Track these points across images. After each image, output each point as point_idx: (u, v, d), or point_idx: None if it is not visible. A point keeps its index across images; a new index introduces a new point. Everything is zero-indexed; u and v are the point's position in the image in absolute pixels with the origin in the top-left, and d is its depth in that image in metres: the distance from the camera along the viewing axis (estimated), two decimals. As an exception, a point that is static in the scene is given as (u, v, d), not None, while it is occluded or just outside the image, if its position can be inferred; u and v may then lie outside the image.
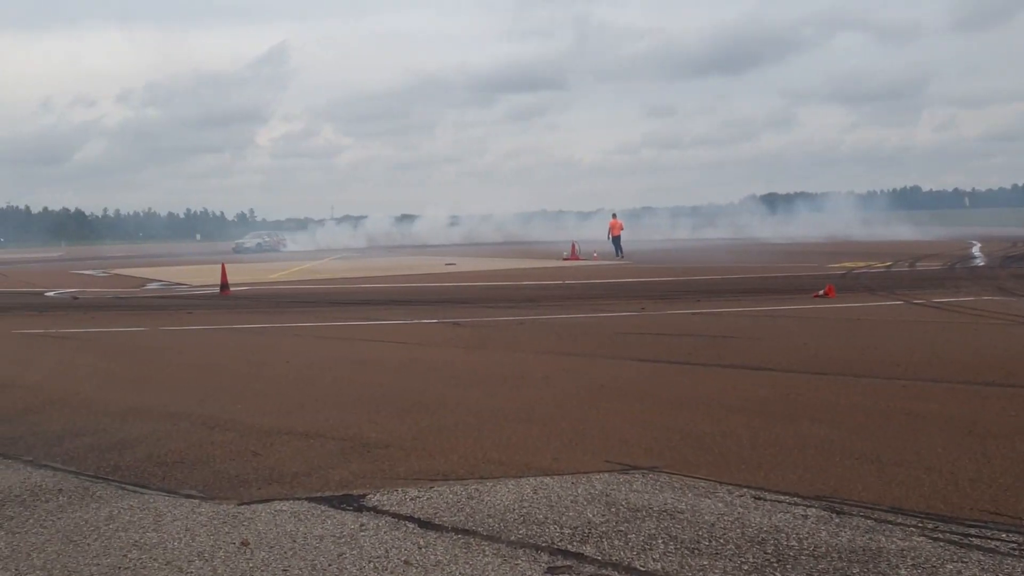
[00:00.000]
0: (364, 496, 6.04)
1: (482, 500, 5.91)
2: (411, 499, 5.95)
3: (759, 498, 5.86)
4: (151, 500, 6.04)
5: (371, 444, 7.44)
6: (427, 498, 5.97)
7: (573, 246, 43.30)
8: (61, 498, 6.12)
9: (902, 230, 68.29)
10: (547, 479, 6.38)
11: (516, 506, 5.76)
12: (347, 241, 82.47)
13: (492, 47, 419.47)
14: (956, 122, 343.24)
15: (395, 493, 6.08)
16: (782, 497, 5.86)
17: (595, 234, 62.56)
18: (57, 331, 16.48)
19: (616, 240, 42.69)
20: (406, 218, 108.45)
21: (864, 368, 10.57)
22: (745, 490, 6.03)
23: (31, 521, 5.64)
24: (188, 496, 6.14)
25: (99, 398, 9.72)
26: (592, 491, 6.07)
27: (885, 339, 13.14)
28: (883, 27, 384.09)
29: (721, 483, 6.21)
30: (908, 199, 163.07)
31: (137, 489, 6.32)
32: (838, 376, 10.09)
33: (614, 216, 45.22)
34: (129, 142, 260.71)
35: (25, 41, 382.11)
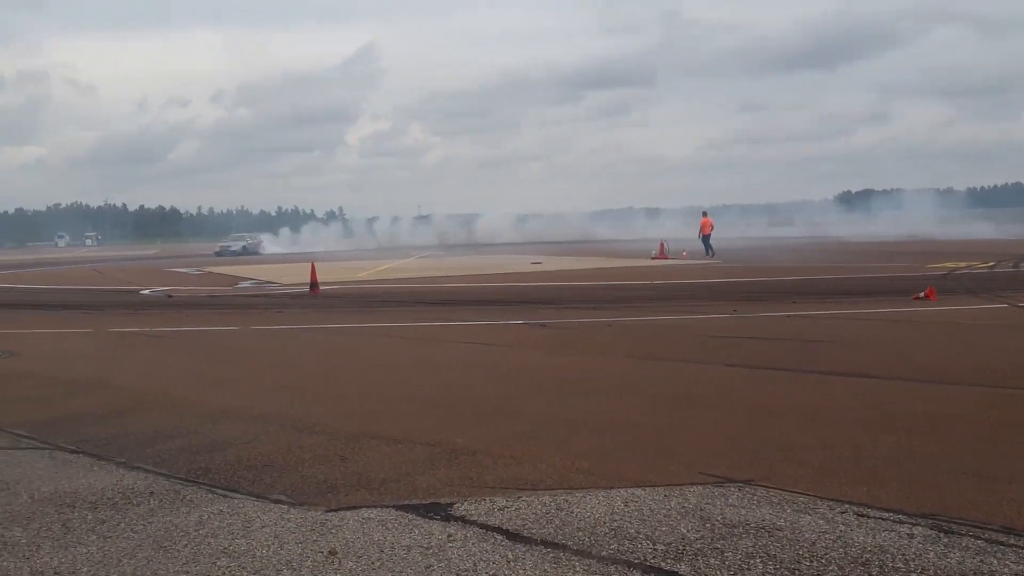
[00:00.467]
0: (451, 505, 5.96)
1: (571, 512, 5.77)
2: (499, 509, 5.84)
3: (862, 515, 5.60)
4: (240, 505, 6.04)
5: (458, 450, 7.36)
6: (515, 508, 5.85)
7: (661, 245, 42.78)
8: (152, 501, 6.17)
9: (983, 228, 65.51)
10: (638, 491, 6.21)
11: (607, 519, 5.61)
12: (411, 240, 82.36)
13: (579, 44, 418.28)
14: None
15: (483, 502, 5.98)
16: (886, 514, 5.59)
17: (674, 232, 61.91)
18: (150, 330, 16.84)
19: (706, 239, 41.95)
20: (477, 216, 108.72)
21: (968, 375, 10.14)
22: (847, 506, 5.78)
23: (122, 525, 5.69)
24: (277, 501, 6.12)
25: (190, 399, 9.84)
26: (686, 505, 5.88)
27: (989, 345, 12.63)
28: (983, 20, 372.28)
29: (821, 498, 5.96)
30: (1013, 196, 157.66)
31: (227, 493, 6.34)
32: (941, 384, 9.70)
33: (704, 214, 44.43)
34: (222, 141, 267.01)
35: (122, 42, 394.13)
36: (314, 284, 26.13)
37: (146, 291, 28.84)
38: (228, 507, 6.00)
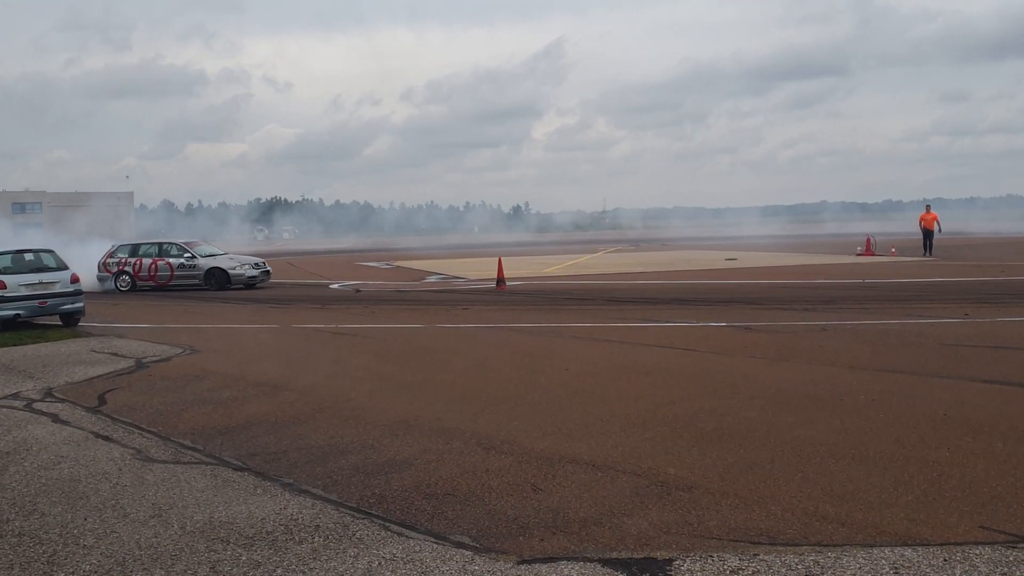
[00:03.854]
0: (671, 562, 4.81)
1: (826, 579, 4.52)
2: (731, 571, 4.65)
3: None
4: (416, 548, 5.07)
5: (670, 483, 6.19)
6: (752, 570, 4.65)
7: (868, 240, 39.82)
8: (316, 539, 5.28)
9: None
10: (907, 551, 4.89)
11: (876, 593, 4.34)
12: None
13: (768, 34, 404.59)
14: None
15: (710, 561, 4.80)
16: None
17: (869, 228, 58.17)
18: (336, 327, 16.35)
19: (929, 234, 37.81)
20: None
21: None
22: None
23: (279, 571, 4.80)
24: (459, 545, 5.13)
25: (370, 406, 9.06)
26: (974, 575, 4.53)
27: None
28: None
29: None
30: None
31: (402, 531, 5.39)
32: None
33: (928, 208, 40.18)
34: (412, 138, 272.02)
35: (318, 41, 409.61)
36: (500, 280, 25.37)
37: (335, 285, 28.84)
38: (402, 551, 5.04)
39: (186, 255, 27.37)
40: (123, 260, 27.65)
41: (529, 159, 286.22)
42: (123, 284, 27.34)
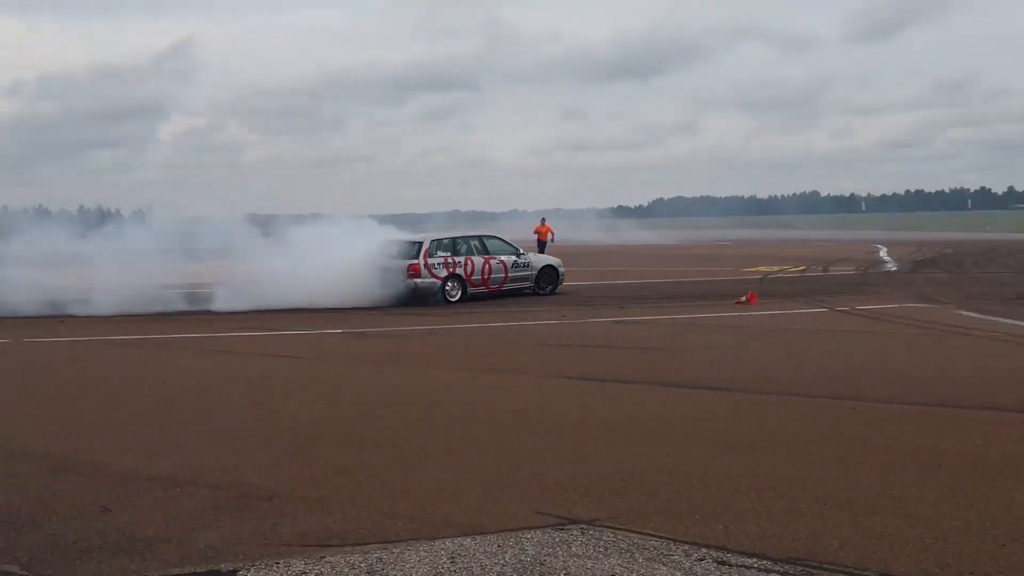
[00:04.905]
0: (235, 573, 4.79)
1: (386, 574, 4.70)
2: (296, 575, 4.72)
3: (722, 562, 4.84)
4: (-47, 585, 4.68)
5: (252, 494, 6.16)
6: (316, 573, 4.74)
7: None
8: None
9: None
10: (467, 540, 5.20)
11: (429, 583, 4.58)
12: None
13: (401, 46, 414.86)
14: (852, 129, 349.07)
15: (275, 568, 4.83)
16: (749, 560, 4.86)
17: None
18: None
19: (542, 246, 39.86)
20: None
21: (806, 386, 9.68)
22: (704, 551, 4.99)
23: None
24: (6, 574, 4.79)
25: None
26: (523, 557, 4.92)
27: (819, 351, 12.26)
28: (783, 38, 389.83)
29: (675, 541, 5.14)
30: (808, 203, 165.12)
31: (-59, 566, 4.95)
32: (780, 395, 9.19)
33: (543, 220, 42.29)
34: (18, 136, 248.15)
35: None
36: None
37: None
38: (-65, 589, 4.63)
39: (518, 252, 21.53)
40: (450, 261, 20.29)
41: (155, 161, 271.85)
42: (453, 293, 20.16)
